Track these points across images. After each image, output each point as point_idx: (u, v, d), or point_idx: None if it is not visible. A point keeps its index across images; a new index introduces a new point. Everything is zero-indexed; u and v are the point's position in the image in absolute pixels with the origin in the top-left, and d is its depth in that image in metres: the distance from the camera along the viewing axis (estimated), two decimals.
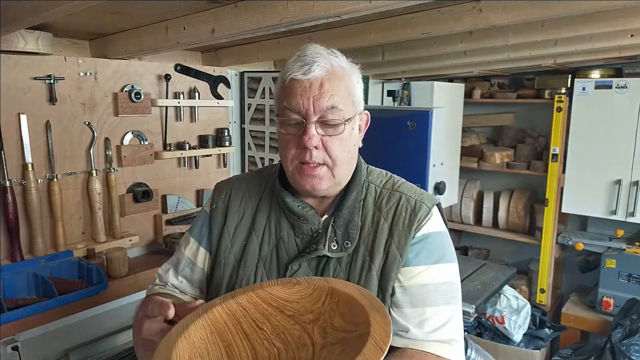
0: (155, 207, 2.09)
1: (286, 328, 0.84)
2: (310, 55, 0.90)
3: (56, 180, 1.75)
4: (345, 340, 0.78)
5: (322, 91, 0.88)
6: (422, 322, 0.87)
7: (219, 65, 2.29)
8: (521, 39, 1.90)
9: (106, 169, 1.91)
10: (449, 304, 0.89)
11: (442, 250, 0.93)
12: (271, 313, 0.85)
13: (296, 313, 0.85)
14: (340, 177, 0.94)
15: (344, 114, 0.90)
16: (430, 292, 0.89)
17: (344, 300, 0.84)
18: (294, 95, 0.88)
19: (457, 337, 0.89)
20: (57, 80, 1.72)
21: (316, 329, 0.83)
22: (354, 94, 0.94)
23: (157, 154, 2.07)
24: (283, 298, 0.87)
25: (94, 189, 1.86)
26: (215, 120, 2.31)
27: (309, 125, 0.88)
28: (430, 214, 0.95)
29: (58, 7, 1.07)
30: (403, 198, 0.96)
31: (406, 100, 3.02)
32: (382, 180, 1.01)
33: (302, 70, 0.88)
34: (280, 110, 0.92)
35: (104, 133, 1.90)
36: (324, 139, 0.90)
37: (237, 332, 0.82)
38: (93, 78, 1.84)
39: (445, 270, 0.92)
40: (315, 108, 0.87)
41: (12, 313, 1.42)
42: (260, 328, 0.83)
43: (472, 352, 2.42)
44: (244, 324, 0.84)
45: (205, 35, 1.46)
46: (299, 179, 0.92)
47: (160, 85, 2.06)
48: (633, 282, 2.82)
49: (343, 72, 0.92)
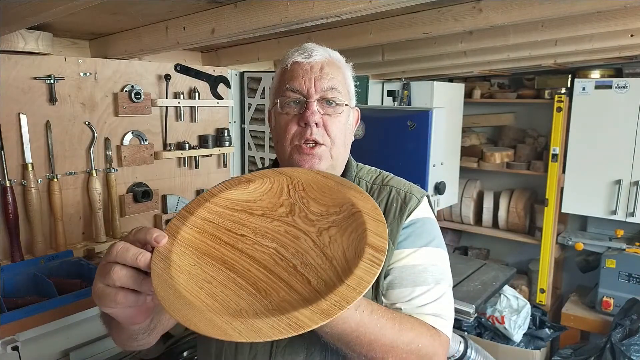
0: (155, 207, 2.09)
1: (268, 227, 0.79)
2: (309, 46, 0.96)
3: (56, 180, 1.75)
4: (337, 222, 0.77)
5: (323, 73, 0.93)
6: (412, 300, 0.88)
7: (219, 65, 2.29)
8: (521, 39, 1.90)
9: (106, 169, 1.92)
10: (439, 284, 0.90)
11: (431, 235, 0.95)
12: (241, 217, 0.80)
13: (266, 210, 0.82)
14: (338, 159, 0.96)
15: (342, 97, 0.95)
16: (420, 272, 0.90)
17: (309, 186, 0.83)
18: (296, 77, 0.93)
19: (446, 313, 0.89)
20: (57, 80, 1.72)
21: (298, 220, 0.79)
22: (349, 86, 0.99)
23: (157, 154, 2.07)
24: (243, 199, 0.83)
25: (94, 189, 1.86)
26: (215, 120, 2.31)
27: (310, 102, 0.92)
28: (420, 203, 0.97)
29: (58, 7, 1.07)
30: (393, 191, 0.98)
31: (406, 100, 3.02)
32: (372, 176, 1.04)
33: (303, 55, 0.94)
34: (281, 92, 0.95)
35: (104, 133, 1.90)
36: (324, 117, 0.93)
37: (221, 245, 0.76)
38: (93, 78, 1.84)
39: (434, 253, 0.93)
40: (317, 87, 0.92)
41: (12, 313, 1.42)
42: (242, 235, 0.78)
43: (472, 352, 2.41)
44: (222, 236, 0.77)
45: (205, 35, 1.46)
46: (297, 159, 0.93)
47: (160, 85, 2.06)
48: (633, 282, 2.82)
49: (340, 63, 0.98)
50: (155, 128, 2.08)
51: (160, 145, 2.10)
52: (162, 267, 0.67)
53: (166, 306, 0.62)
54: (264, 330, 0.59)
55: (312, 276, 0.69)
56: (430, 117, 2.22)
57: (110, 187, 1.92)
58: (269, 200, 0.83)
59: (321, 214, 0.80)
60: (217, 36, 1.43)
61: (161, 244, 0.68)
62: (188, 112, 2.19)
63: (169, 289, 0.64)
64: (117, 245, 0.67)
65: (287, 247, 0.75)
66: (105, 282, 0.66)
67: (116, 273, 0.65)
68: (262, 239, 0.77)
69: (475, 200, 3.67)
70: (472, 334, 2.99)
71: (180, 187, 2.21)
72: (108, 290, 0.66)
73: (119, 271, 0.65)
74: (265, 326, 0.59)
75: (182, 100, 2.12)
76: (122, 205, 1.98)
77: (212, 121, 2.30)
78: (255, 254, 0.74)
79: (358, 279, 0.64)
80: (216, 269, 0.71)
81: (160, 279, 0.66)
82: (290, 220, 0.80)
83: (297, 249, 0.75)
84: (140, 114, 1.98)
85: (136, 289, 0.66)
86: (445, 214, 3.76)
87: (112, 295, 0.66)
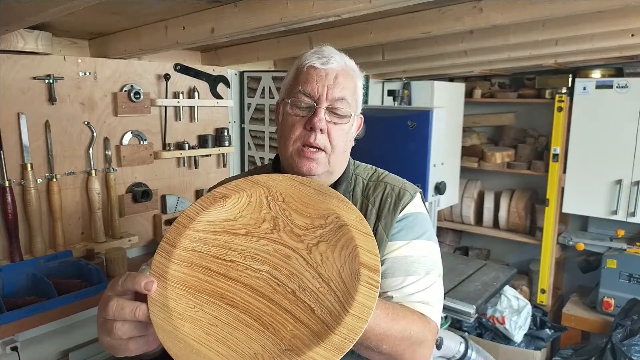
0: (154, 207, 2.09)
1: (255, 248, 0.77)
2: (327, 51, 0.98)
3: (55, 180, 1.75)
4: (325, 236, 0.77)
5: (336, 82, 0.95)
6: (403, 288, 0.92)
7: (218, 64, 2.29)
8: (522, 38, 1.90)
9: (105, 169, 1.91)
10: (429, 274, 0.94)
11: (423, 228, 1.00)
12: (226, 240, 0.78)
13: (249, 228, 0.80)
14: (335, 166, 1.00)
15: (350, 108, 0.97)
16: (411, 262, 0.94)
17: (288, 197, 0.83)
18: (310, 81, 0.95)
19: (435, 301, 0.93)
20: (56, 80, 1.72)
21: (285, 237, 0.78)
22: (359, 95, 1.02)
23: (157, 154, 2.07)
24: (223, 219, 0.81)
25: (93, 189, 1.85)
26: (215, 120, 2.30)
27: (319, 109, 0.94)
28: (413, 198, 1.02)
29: (58, 7, 1.06)
30: (388, 187, 1.03)
31: (406, 100, 3.02)
32: (369, 173, 1.09)
33: (320, 61, 0.96)
34: (293, 93, 0.97)
35: (103, 133, 1.90)
36: (329, 125, 0.96)
37: (213, 277, 0.74)
38: (92, 78, 1.84)
39: (426, 245, 0.98)
40: (328, 95, 0.94)
41: (12, 313, 1.42)
42: (231, 260, 0.76)
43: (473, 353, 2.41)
44: (211, 266, 0.75)
45: (205, 34, 1.45)
46: (297, 161, 0.96)
47: (159, 85, 2.06)
48: (634, 282, 2.81)
49: (354, 73, 1.01)
50: (155, 128, 2.07)
51: (159, 145, 2.10)
52: (163, 318, 0.67)
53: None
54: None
55: (314, 303, 0.70)
56: (431, 117, 2.21)
57: (109, 187, 1.92)
58: (250, 216, 0.82)
59: (307, 227, 0.79)
60: (216, 36, 1.43)
61: (152, 291, 0.69)
62: (187, 111, 2.19)
63: (178, 342, 0.65)
64: (110, 303, 0.67)
65: (280, 269, 0.75)
66: (113, 338, 0.68)
67: (119, 330, 0.67)
68: (253, 262, 0.76)
69: (476, 200, 3.67)
70: (472, 335, 2.99)
71: (179, 187, 2.21)
72: (117, 342, 0.68)
73: (121, 327, 0.67)
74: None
75: (182, 100, 2.12)
76: (122, 205, 1.97)
77: (212, 121, 2.29)
78: (251, 282, 0.73)
79: (361, 306, 0.67)
80: (217, 307, 0.70)
81: (166, 331, 0.66)
82: (276, 237, 0.79)
83: (291, 271, 0.74)
84: (139, 113, 1.98)
85: (144, 334, 0.68)
86: (446, 214, 3.75)
87: (123, 346, 0.68)
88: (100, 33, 1.79)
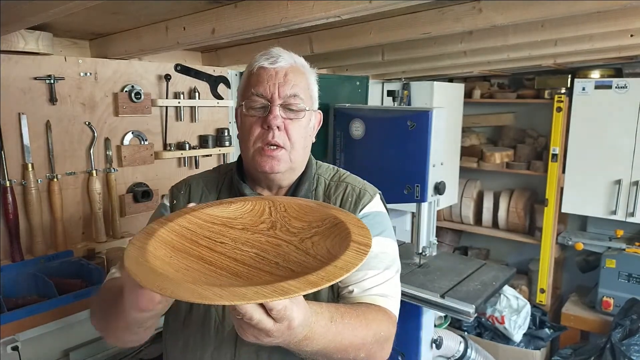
0: (155, 207, 2.08)
1: (249, 238, 0.78)
2: (275, 51, 1.02)
3: (56, 180, 1.75)
4: (320, 232, 0.78)
5: (286, 80, 0.98)
6: (363, 281, 0.95)
7: (219, 65, 2.29)
8: (521, 38, 1.90)
9: (106, 169, 1.91)
10: (388, 269, 0.98)
11: (382, 226, 1.03)
12: (221, 229, 0.79)
13: (247, 225, 0.81)
14: (296, 162, 1.02)
15: (304, 103, 1.00)
16: (371, 258, 0.95)
17: (290, 208, 0.84)
18: (261, 82, 0.98)
19: (393, 294, 0.98)
20: (57, 80, 1.72)
21: (280, 233, 0.79)
22: (312, 90, 1.05)
23: (157, 154, 2.07)
24: (225, 216, 0.83)
25: (94, 189, 1.86)
26: (215, 120, 2.31)
27: (273, 107, 0.97)
28: (372, 198, 1.05)
29: (58, 7, 1.07)
30: (349, 187, 1.07)
31: (406, 100, 3.02)
32: (330, 173, 1.12)
33: (269, 61, 0.99)
34: (247, 96, 1.00)
35: (104, 133, 1.90)
36: (286, 122, 0.98)
37: (199, 247, 0.73)
38: (93, 78, 1.84)
39: (385, 242, 1.01)
40: (280, 93, 0.97)
41: (12, 313, 1.42)
42: (221, 242, 0.76)
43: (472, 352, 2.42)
44: (200, 241, 0.75)
45: (206, 35, 1.46)
46: (259, 160, 0.99)
47: (160, 85, 2.06)
48: (633, 282, 2.82)
49: (303, 69, 1.04)
50: (156, 128, 2.08)
51: (160, 145, 2.10)
52: (137, 252, 0.65)
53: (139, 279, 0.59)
54: (248, 294, 0.56)
55: (295, 267, 0.69)
56: (430, 117, 2.22)
57: (110, 187, 1.92)
58: (250, 218, 0.84)
59: (303, 227, 0.80)
60: (217, 36, 1.43)
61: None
62: (188, 112, 2.19)
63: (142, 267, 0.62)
64: None
65: (268, 252, 0.75)
66: None
67: None
68: (242, 246, 0.76)
69: (475, 200, 3.67)
70: (472, 334, 3.00)
71: None
72: None
73: None
74: (249, 292, 0.56)
75: (182, 100, 2.12)
76: (122, 205, 1.98)
77: (212, 121, 2.30)
78: (236, 256, 0.73)
79: (344, 262, 0.64)
80: (193, 262, 0.69)
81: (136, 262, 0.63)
82: (271, 233, 0.80)
83: (279, 252, 0.75)
84: (140, 114, 1.98)
85: None
86: (445, 214, 3.76)
87: None
88: (101, 33, 1.79)
